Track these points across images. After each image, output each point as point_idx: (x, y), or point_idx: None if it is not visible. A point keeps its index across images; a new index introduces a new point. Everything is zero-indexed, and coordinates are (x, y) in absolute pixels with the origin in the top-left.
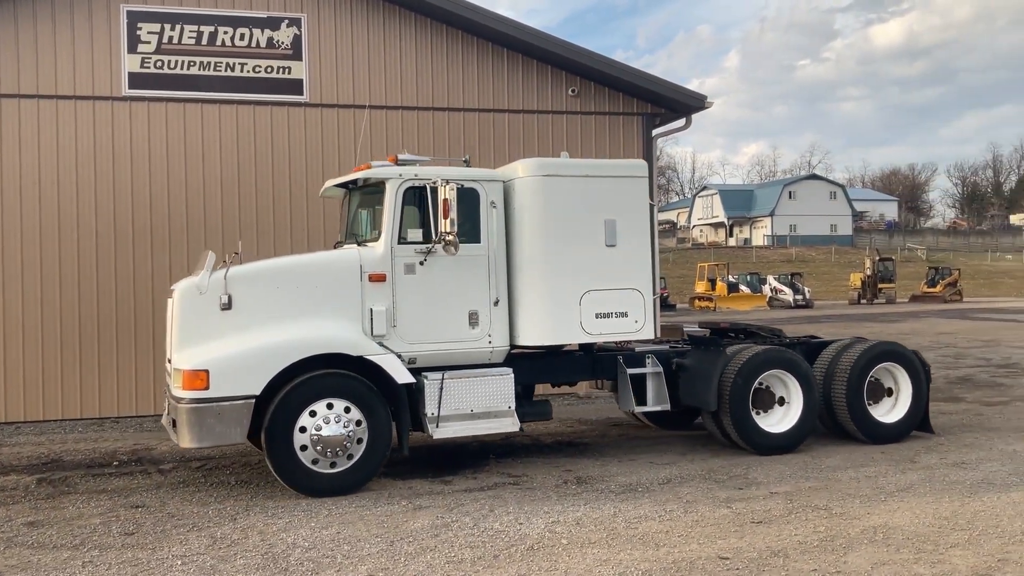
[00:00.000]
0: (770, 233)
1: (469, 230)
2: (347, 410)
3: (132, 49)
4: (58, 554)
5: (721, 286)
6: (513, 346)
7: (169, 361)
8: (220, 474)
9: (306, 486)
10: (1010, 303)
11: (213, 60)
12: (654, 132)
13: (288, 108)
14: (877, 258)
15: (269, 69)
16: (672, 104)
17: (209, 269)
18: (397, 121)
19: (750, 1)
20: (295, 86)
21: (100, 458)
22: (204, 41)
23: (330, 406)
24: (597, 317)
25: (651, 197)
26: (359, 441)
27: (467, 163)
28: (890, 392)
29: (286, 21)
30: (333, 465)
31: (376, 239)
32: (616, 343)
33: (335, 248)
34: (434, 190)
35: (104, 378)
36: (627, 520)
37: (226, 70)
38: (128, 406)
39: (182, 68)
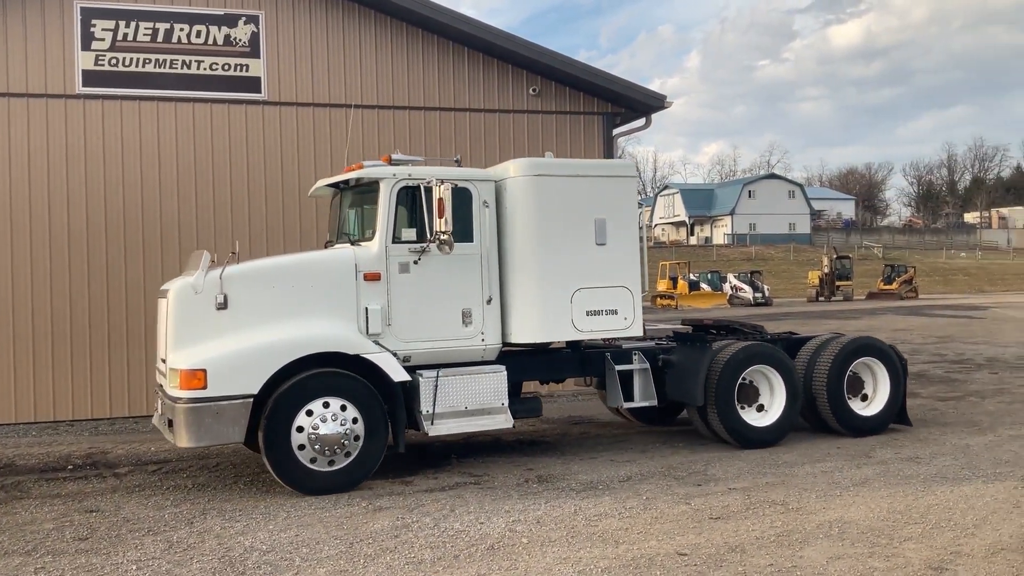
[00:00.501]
0: (730, 232)
1: (462, 229)
2: (344, 408)
3: (86, 46)
4: (9, 560)
5: (683, 284)
6: (505, 344)
7: (163, 361)
8: (177, 477)
9: (304, 485)
10: (964, 300)
11: (169, 58)
12: (615, 131)
13: (246, 106)
14: (834, 256)
15: (226, 67)
16: (632, 104)
17: (204, 269)
18: (357, 119)
19: (711, 2)
20: (253, 84)
21: (54, 462)
22: (160, 38)
23: (327, 405)
24: (588, 314)
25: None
26: (356, 439)
27: (458, 163)
28: (868, 386)
29: (243, 18)
30: (331, 463)
31: (370, 238)
32: (604, 340)
33: (326, 247)
34: (428, 190)
35: (59, 380)
36: (587, 518)
37: (182, 68)
38: (84, 409)
39: (137, 66)
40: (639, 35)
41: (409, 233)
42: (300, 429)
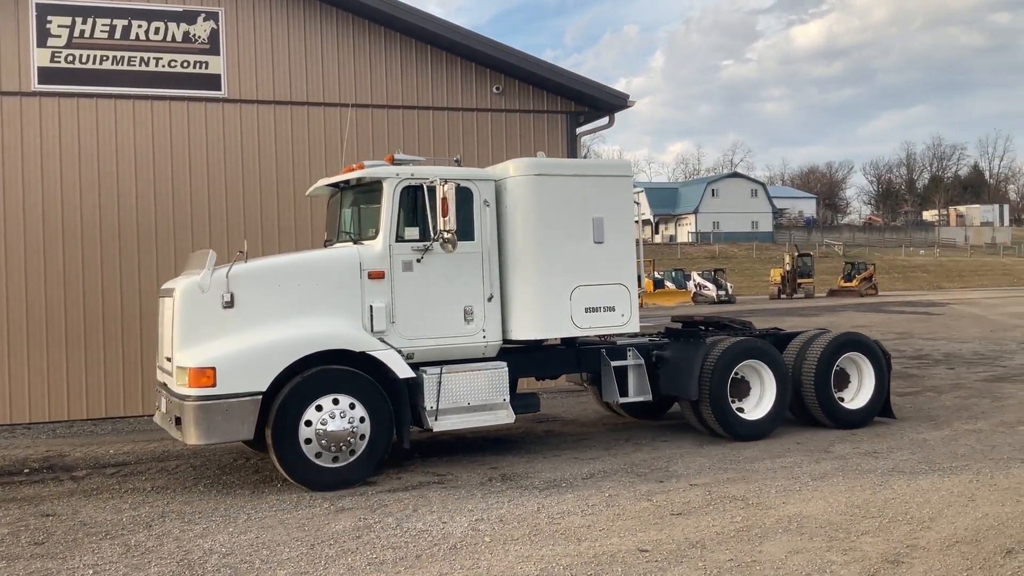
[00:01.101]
0: (694, 230)
1: (463, 228)
2: (351, 405)
3: (42, 43)
4: None
5: (648, 282)
6: (505, 340)
7: (168, 359)
8: (136, 480)
9: (312, 480)
10: (923, 296)
11: (127, 55)
12: (578, 130)
13: (206, 104)
14: (796, 254)
15: (185, 64)
16: (595, 102)
17: (210, 268)
18: (320, 118)
19: (675, 2)
20: (212, 81)
21: (10, 466)
22: (117, 35)
23: (335, 401)
24: (587, 311)
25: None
26: (362, 436)
27: (458, 163)
28: (854, 380)
29: (203, 15)
30: (337, 459)
31: (373, 237)
32: (599, 337)
33: (325, 247)
34: (431, 189)
35: (15, 383)
36: (550, 516)
37: (140, 65)
38: (41, 412)
39: (95, 63)
40: (604, 35)
41: (412, 232)
42: (308, 425)
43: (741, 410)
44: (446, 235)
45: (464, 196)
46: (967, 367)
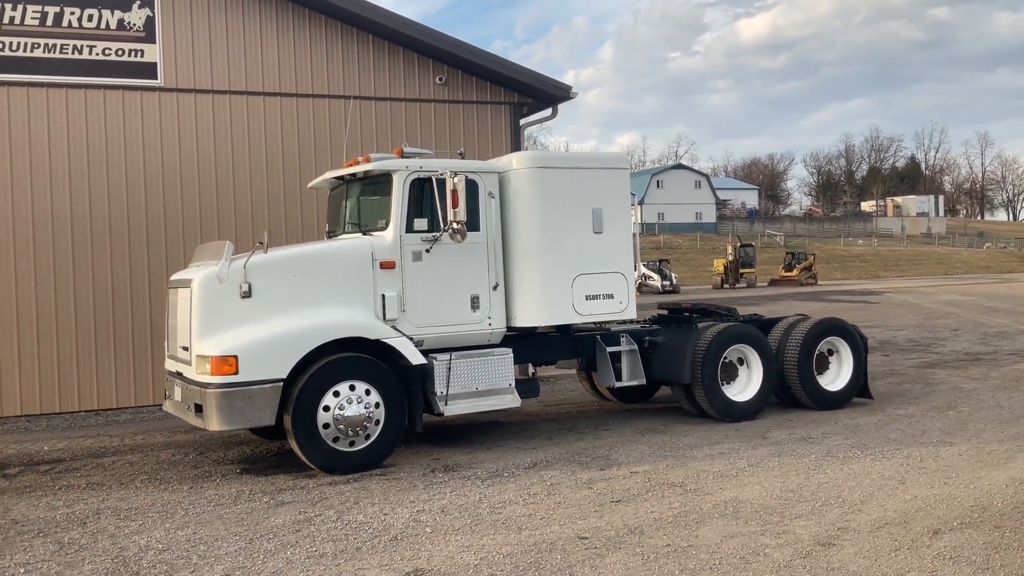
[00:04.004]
0: (639, 221)
1: (469, 219)
2: (367, 391)
3: None
4: None
5: None
6: (509, 328)
7: (184, 349)
8: (70, 477)
9: (330, 464)
10: (860, 285)
11: (59, 42)
12: (522, 121)
13: (141, 93)
14: (739, 244)
15: (120, 52)
16: (538, 94)
17: (228, 259)
18: (259, 107)
19: None
20: (148, 70)
21: None
22: (49, 22)
23: (351, 387)
24: (587, 299)
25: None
26: (377, 420)
27: (462, 156)
28: (834, 363)
29: (138, 2)
30: (353, 444)
31: (383, 228)
32: (595, 324)
33: (328, 238)
34: (440, 181)
35: None
36: (492, 505)
37: (73, 52)
38: None
39: (25, 50)
40: (554, 26)
41: (421, 223)
42: (326, 411)
43: (730, 393)
44: (456, 226)
45: (470, 188)
46: (901, 354)
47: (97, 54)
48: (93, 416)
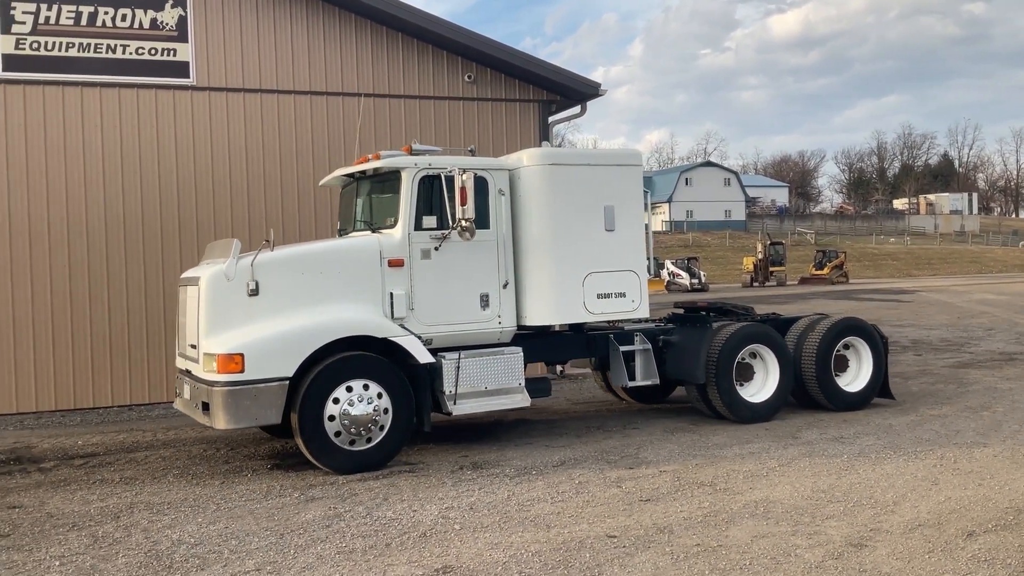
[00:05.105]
0: (668, 219)
1: (479, 217)
2: (373, 390)
3: (6, 30)
4: None
5: None
6: (520, 326)
7: (192, 347)
8: (104, 471)
9: (337, 463)
10: (892, 284)
11: (93, 42)
12: (550, 119)
13: (174, 91)
14: (768, 242)
15: (153, 51)
16: (567, 91)
17: (235, 256)
18: (289, 106)
19: None
20: (181, 69)
21: None
22: (83, 22)
23: (359, 386)
24: (599, 297)
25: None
26: (384, 420)
27: (472, 153)
28: (853, 363)
29: (170, 2)
30: (360, 443)
31: (392, 226)
32: (608, 322)
33: (339, 236)
34: (449, 179)
35: None
36: (520, 503)
37: (107, 52)
38: (7, 403)
39: (60, 50)
40: (583, 23)
41: (430, 221)
42: (333, 409)
43: (746, 394)
44: (464, 223)
45: (480, 185)
46: (934, 353)
47: (130, 53)
48: (126, 411)
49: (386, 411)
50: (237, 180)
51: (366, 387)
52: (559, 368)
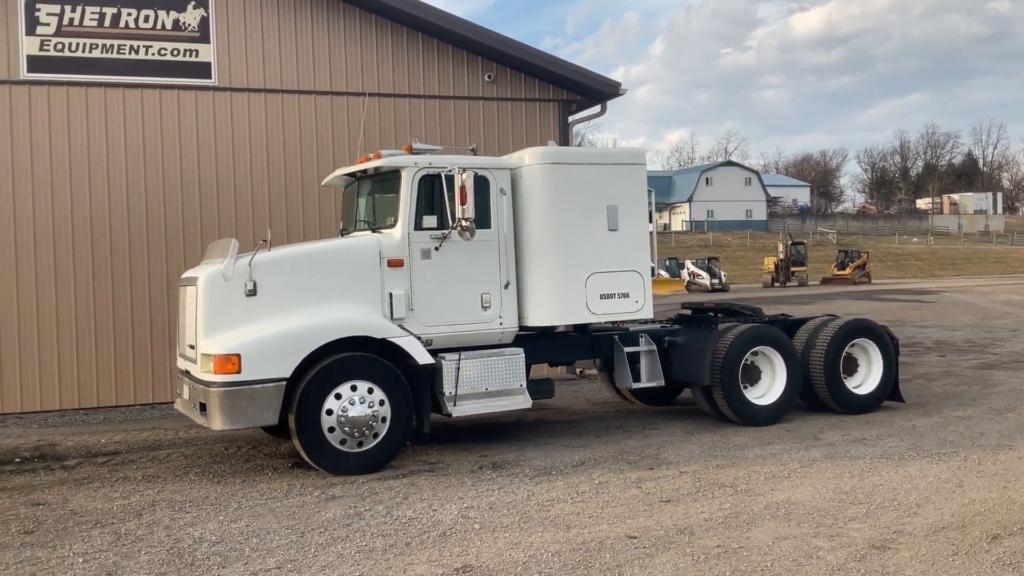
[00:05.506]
0: (688, 218)
1: (480, 216)
2: (371, 391)
3: (31, 31)
4: None
5: None
6: (521, 327)
7: (191, 347)
8: (127, 469)
9: (334, 465)
10: (915, 284)
11: (116, 43)
12: (570, 118)
13: (196, 92)
14: (790, 242)
15: (175, 52)
16: (587, 91)
17: (233, 256)
18: (310, 106)
19: None
20: (203, 69)
21: (1, 455)
22: (107, 23)
23: (355, 387)
24: (601, 298)
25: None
26: (383, 420)
27: (474, 152)
28: (863, 365)
29: (193, 3)
30: (357, 444)
31: (392, 226)
32: (613, 323)
33: (341, 236)
34: (449, 178)
35: (6, 373)
36: (540, 503)
37: (130, 53)
38: (32, 401)
39: (84, 51)
40: (604, 22)
41: (430, 220)
42: (330, 411)
43: (752, 396)
44: (464, 223)
45: (481, 185)
46: (958, 354)
47: (153, 54)
48: (148, 409)
49: (384, 412)
50: (258, 180)
51: (364, 389)
52: (578, 369)
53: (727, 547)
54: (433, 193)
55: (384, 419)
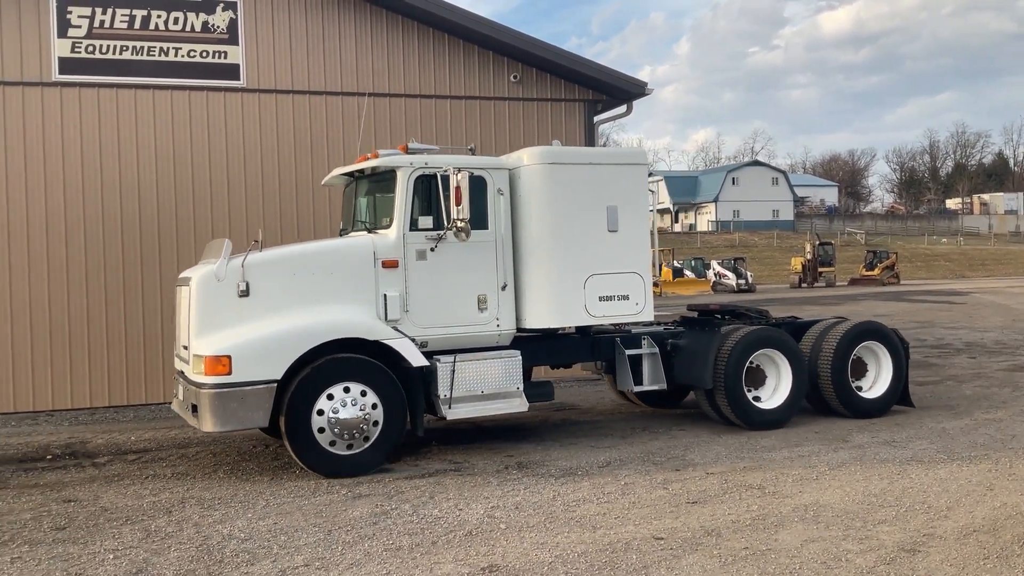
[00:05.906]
0: (714, 219)
1: (477, 217)
2: (363, 393)
3: (62, 33)
4: None
5: (667, 271)
6: (519, 329)
7: (185, 347)
8: (156, 467)
9: (325, 468)
10: (945, 285)
11: (146, 45)
12: (596, 119)
13: (224, 93)
14: (817, 242)
15: (204, 54)
16: (613, 91)
17: (226, 257)
18: (337, 107)
19: None
20: (231, 71)
21: (33, 452)
22: (137, 25)
23: (347, 389)
24: (600, 300)
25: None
26: (375, 423)
27: (472, 151)
28: (872, 369)
29: (221, 5)
30: (348, 447)
31: (387, 226)
32: (614, 325)
33: (340, 236)
34: (445, 178)
35: (37, 371)
36: (566, 503)
37: (160, 55)
38: (63, 399)
39: (114, 53)
40: (630, 22)
41: (426, 221)
42: (321, 413)
43: (757, 399)
44: (459, 224)
45: (478, 185)
46: (988, 356)
47: (182, 56)
48: None
49: (376, 415)
50: (287, 180)
51: (357, 391)
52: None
53: (755, 549)
54: (429, 193)
55: (376, 423)
